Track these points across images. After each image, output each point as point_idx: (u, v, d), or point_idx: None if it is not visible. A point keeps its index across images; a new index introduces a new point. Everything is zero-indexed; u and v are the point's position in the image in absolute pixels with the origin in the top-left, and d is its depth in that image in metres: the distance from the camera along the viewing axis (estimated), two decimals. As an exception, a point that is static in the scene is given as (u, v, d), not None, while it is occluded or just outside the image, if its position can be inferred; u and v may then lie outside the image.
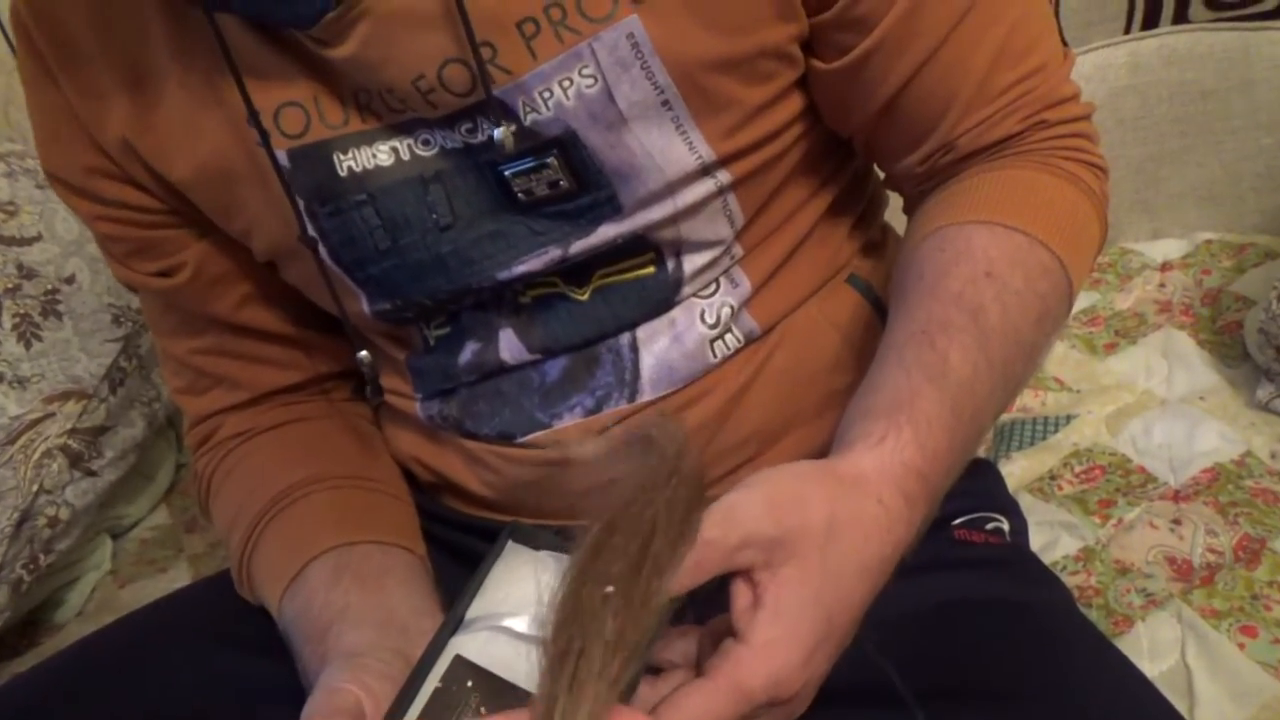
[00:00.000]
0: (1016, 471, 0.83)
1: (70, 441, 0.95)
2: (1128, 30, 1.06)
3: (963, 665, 0.49)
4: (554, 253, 0.53)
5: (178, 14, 0.50)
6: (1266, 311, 0.81)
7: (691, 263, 0.55)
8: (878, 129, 0.55)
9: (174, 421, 1.14)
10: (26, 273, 0.98)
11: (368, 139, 0.51)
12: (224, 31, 0.49)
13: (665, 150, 0.50)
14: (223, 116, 0.52)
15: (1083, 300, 1.02)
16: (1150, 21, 1.06)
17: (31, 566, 0.92)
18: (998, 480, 0.68)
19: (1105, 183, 0.56)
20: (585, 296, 0.56)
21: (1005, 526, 0.61)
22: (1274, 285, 0.81)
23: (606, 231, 0.53)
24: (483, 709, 0.37)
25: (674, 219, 0.53)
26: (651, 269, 0.55)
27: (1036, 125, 0.53)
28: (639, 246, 0.55)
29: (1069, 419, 0.86)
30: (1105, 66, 1.05)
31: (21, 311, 0.96)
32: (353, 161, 0.52)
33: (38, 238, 1.02)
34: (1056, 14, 1.06)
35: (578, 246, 0.53)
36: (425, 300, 0.56)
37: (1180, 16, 1.04)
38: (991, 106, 0.52)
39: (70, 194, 0.59)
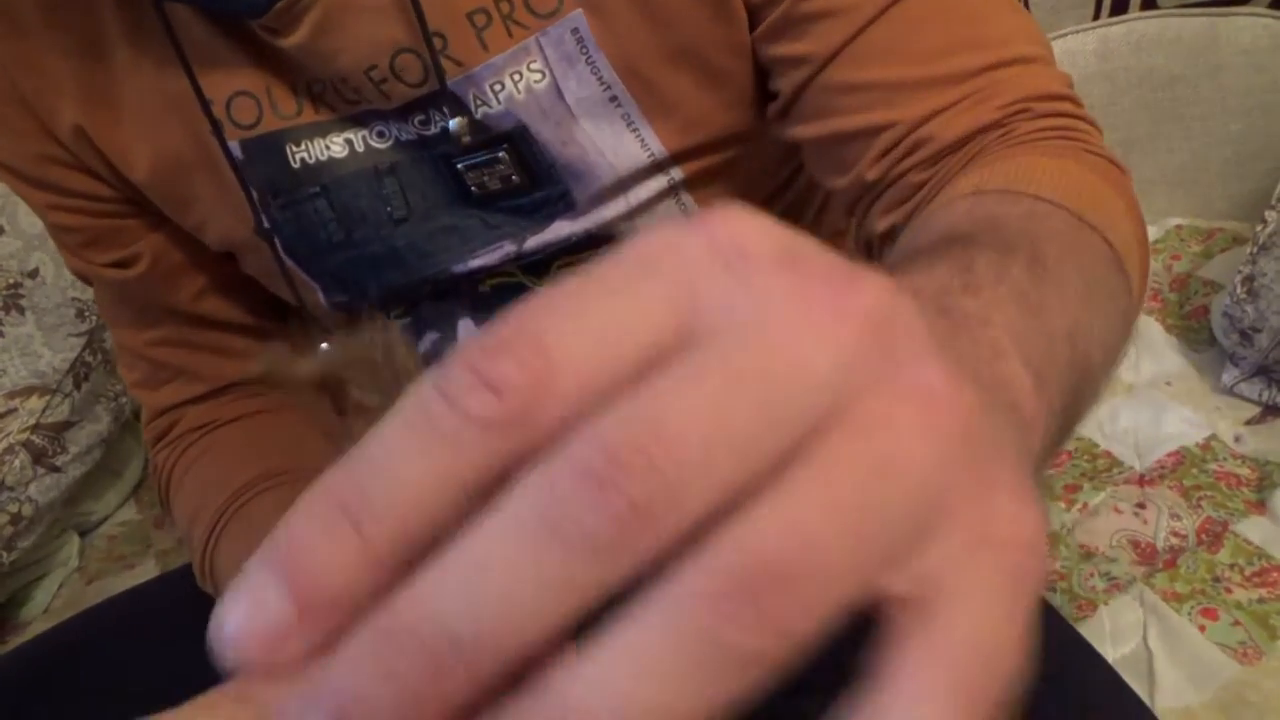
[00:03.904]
0: (984, 458, 0.83)
1: (33, 437, 0.94)
2: (1096, 16, 1.07)
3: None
4: (508, 248, 0.53)
5: (130, 2, 0.49)
6: (1232, 296, 0.81)
7: None
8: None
9: (141, 416, 1.13)
10: (-12, 267, 0.97)
11: (321, 130, 0.51)
12: (175, 20, 0.48)
13: (616, 147, 0.50)
14: (175, 106, 0.51)
15: (1052, 287, 1.02)
16: (1119, 8, 1.06)
17: (-5, 564, 0.91)
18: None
19: (1125, 177, 0.45)
20: (544, 286, 0.56)
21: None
22: (1239, 270, 0.82)
23: (561, 228, 0.52)
24: None
25: (628, 216, 0.53)
26: None
27: (1019, 113, 0.45)
28: (595, 241, 0.54)
29: (1037, 405, 0.87)
30: (1074, 53, 1.05)
31: (-17, 306, 0.95)
32: (305, 153, 0.51)
33: (0, 231, 1.00)
34: (1026, 1, 1.06)
35: (532, 243, 0.53)
36: (381, 292, 0.56)
37: (1149, 2, 1.05)
38: (955, 92, 0.45)
39: (23, 184, 0.58)
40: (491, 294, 0.56)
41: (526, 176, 0.51)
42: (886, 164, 0.46)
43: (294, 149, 0.51)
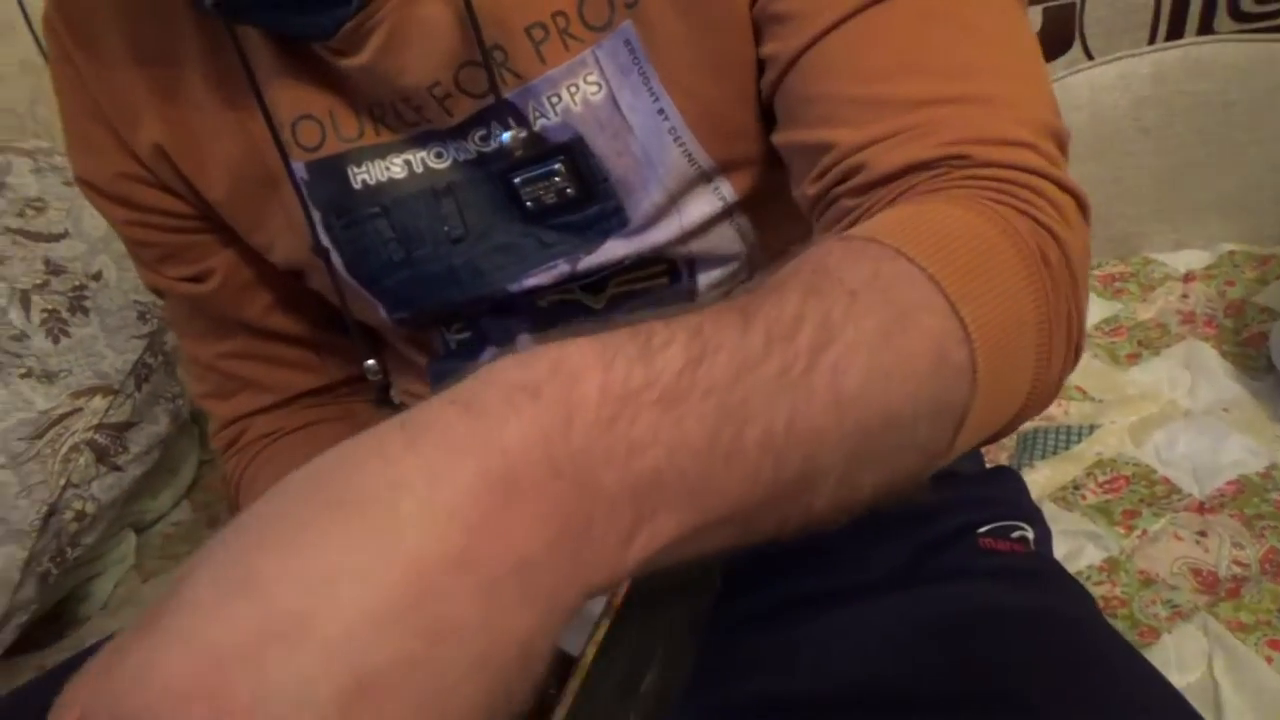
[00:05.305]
0: (1040, 480, 0.83)
1: (97, 436, 0.96)
2: (1152, 40, 1.06)
3: (989, 674, 0.49)
4: (562, 267, 0.53)
5: (207, 24, 0.51)
6: (1291, 324, 0.81)
7: (707, 277, 0.55)
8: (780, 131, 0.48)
9: (197, 418, 1.15)
10: (54, 269, 0.99)
11: (381, 152, 0.52)
12: (245, 43, 0.49)
13: (664, 159, 0.50)
14: (246, 128, 0.52)
15: (1105, 310, 1.02)
16: (1175, 32, 1.06)
17: (59, 560, 0.92)
18: (1021, 488, 0.67)
19: (1056, 246, 0.37)
20: (601, 305, 0.56)
21: (1030, 535, 0.61)
22: (1299, 298, 0.81)
23: (614, 249, 0.53)
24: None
25: (682, 239, 0.53)
26: (666, 279, 0.55)
27: (956, 157, 0.40)
28: (650, 262, 0.54)
29: (1092, 429, 0.86)
30: (1129, 76, 1.05)
31: (49, 307, 0.97)
32: (366, 174, 0.52)
33: (65, 234, 1.02)
34: (1081, 24, 1.06)
35: (586, 263, 0.53)
36: (441, 309, 0.57)
37: (1205, 27, 1.05)
38: (897, 121, 0.41)
39: (102, 200, 0.59)
40: (550, 310, 0.57)
41: (581, 189, 0.51)
42: (824, 185, 0.44)
43: (355, 170, 0.52)
